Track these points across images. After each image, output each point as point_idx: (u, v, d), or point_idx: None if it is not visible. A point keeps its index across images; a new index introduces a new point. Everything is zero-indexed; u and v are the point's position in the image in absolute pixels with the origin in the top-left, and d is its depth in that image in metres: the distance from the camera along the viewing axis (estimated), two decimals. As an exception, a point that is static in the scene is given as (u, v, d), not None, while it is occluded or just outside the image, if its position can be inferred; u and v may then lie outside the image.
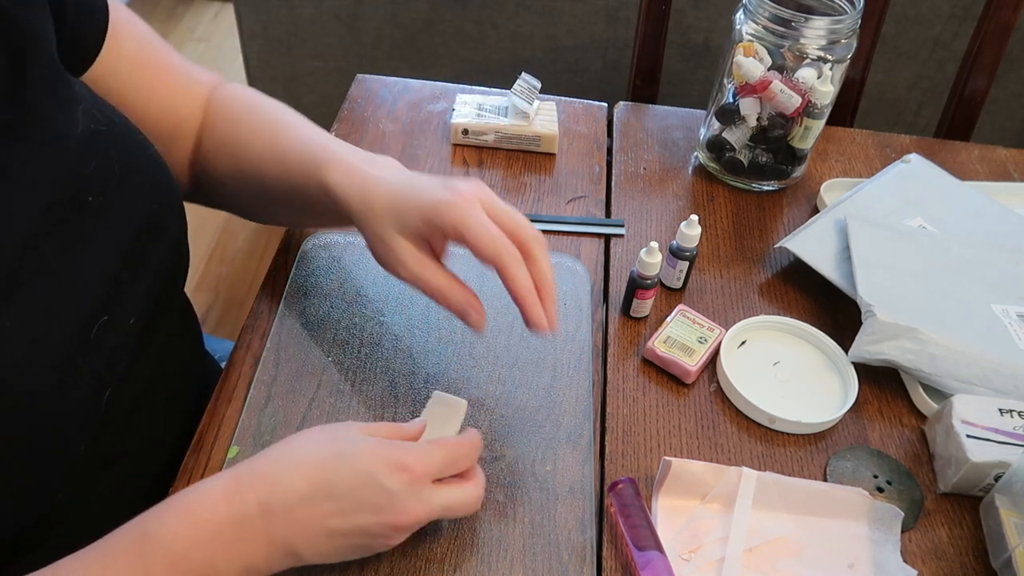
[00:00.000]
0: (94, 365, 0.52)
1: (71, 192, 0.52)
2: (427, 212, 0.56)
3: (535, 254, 0.56)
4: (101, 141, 0.54)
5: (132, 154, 0.57)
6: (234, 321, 1.75)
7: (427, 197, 0.56)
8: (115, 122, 0.57)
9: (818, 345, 0.72)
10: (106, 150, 0.55)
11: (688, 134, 0.94)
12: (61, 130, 0.52)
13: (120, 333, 0.55)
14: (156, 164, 0.59)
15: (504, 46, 1.59)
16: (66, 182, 0.51)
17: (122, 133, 0.57)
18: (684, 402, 0.68)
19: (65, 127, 0.52)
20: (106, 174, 0.54)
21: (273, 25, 1.60)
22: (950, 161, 0.93)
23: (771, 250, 0.82)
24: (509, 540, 0.57)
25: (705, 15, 1.50)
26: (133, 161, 0.57)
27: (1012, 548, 0.56)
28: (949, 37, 1.51)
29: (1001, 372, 0.67)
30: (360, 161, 0.61)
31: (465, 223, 0.54)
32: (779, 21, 0.77)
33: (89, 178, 0.53)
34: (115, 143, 0.56)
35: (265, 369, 0.65)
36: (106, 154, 0.54)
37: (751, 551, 0.58)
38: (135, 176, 0.56)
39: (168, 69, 0.67)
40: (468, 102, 0.90)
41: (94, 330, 0.52)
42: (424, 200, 0.56)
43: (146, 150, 0.59)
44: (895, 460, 0.65)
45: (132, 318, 0.56)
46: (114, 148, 0.55)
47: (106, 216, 0.54)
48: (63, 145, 0.52)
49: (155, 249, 0.58)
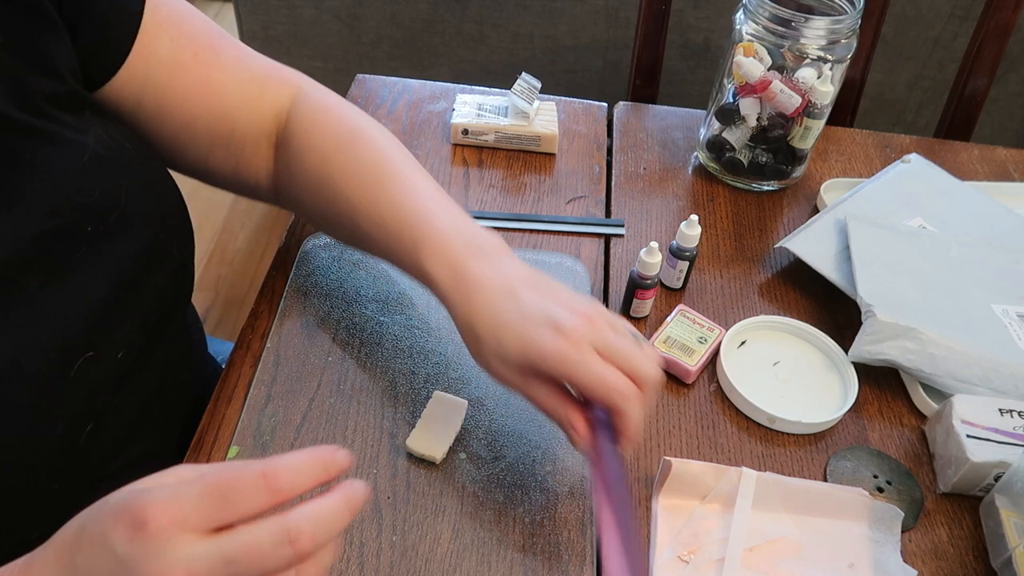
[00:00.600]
0: (73, 403, 0.49)
1: (68, 220, 0.50)
2: (531, 356, 0.50)
3: (645, 395, 0.51)
4: (108, 168, 0.52)
5: (141, 182, 0.55)
6: (234, 321, 1.75)
7: (531, 337, 0.50)
8: (126, 148, 0.54)
9: (818, 345, 0.72)
10: (113, 178, 0.52)
11: (688, 134, 0.94)
12: (64, 157, 0.50)
13: (105, 368, 0.52)
14: (166, 190, 0.57)
15: (504, 46, 1.59)
16: (63, 211, 0.49)
17: (132, 160, 0.55)
18: (684, 402, 0.68)
19: (69, 154, 0.50)
20: (109, 203, 0.52)
21: (273, 25, 1.60)
22: (950, 161, 0.93)
23: (771, 250, 0.82)
24: (509, 540, 0.57)
25: (705, 15, 1.50)
26: (141, 190, 0.55)
27: (1012, 548, 0.56)
28: (949, 37, 1.51)
29: (1001, 372, 0.67)
30: (462, 247, 0.55)
31: (574, 375, 0.49)
32: (779, 21, 0.77)
33: (89, 207, 0.51)
34: (124, 172, 0.53)
35: (265, 369, 0.65)
36: (112, 182, 0.52)
37: (751, 551, 0.58)
38: (142, 205, 0.54)
39: (217, 68, 0.62)
40: (468, 102, 0.90)
41: (75, 367, 0.49)
42: (528, 340, 0.50)
43: (157, 174, 0.56)
44: (895, 460, 0.64)
45: (120, 352, 0.53)
46: (123, 176, 0.53)
47: (103, 246, 0.51)
48: (64, 172, 0.50)
49: (155, 279, 0.56)
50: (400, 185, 0.60)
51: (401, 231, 0.58)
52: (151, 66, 0.58)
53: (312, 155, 0.63)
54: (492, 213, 0.81)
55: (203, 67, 0.61)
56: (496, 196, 0.84)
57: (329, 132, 0.63)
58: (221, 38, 0.63)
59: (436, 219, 0.57)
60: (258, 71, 0.65)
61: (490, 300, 0.53)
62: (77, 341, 0.50)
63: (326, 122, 0.64)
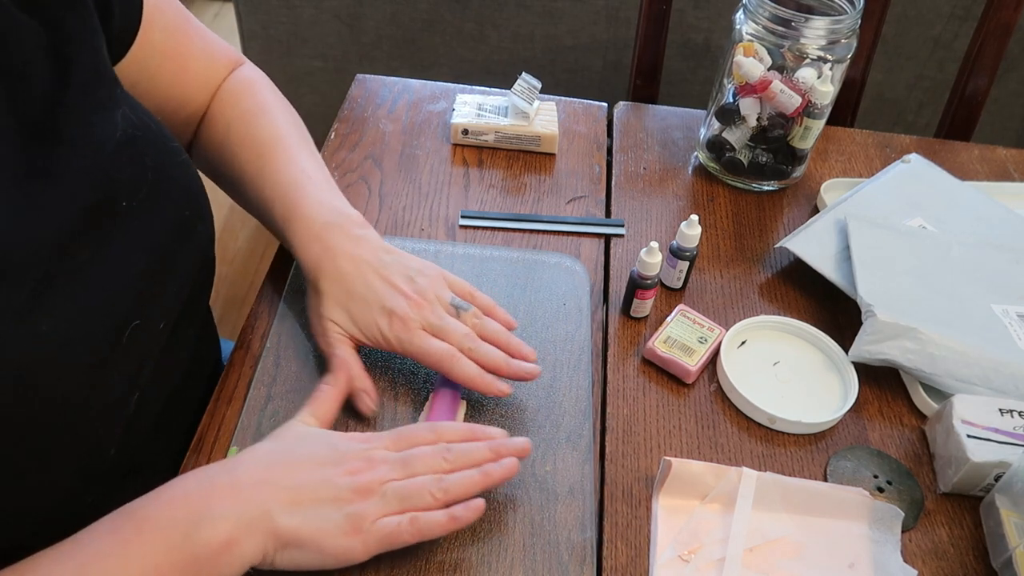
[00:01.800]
0: (125, 368, 0.52)
1: (105, 195, 0.52)
2: (370, 335, 0.62)
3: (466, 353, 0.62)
4: (137, 146, 0.54)
5: (164, 160, 0.57)
6: (234, 321, 1.75)
7: (371, 321, 0.62)
8: (151, 128, 0.57)
9: (818, 345, 0.72)
10: (141, 156, 0.55)
11: (688, 134, 0.94)
12: (100, 134, 0.52)
13: (150, 337, 0.55)
14: (187, 171, 0.59)
15: (504, 46, 1.59)
16: (101, 185, 0.51)
17: (156, 139, 0.57)
18: (684, 402, 0.68)
19: (104, 131, 0.52)
20: (139, 179, 0.54)
21: (273, 25, 1.60)
22: (950, 161, 0.93)
23: (771, 250, 0.82)
24: (509, 540, 0.57)
25: (705, 15, 1.49)
26: (165, 167, 0.57)
27: (1012, 548, 0.56)
28: (949, 37, 1.51)
29: (1001, 372, 0.67)
30: (323, 224, 0.64)
31: (407, 351, 0.62)
32: (779, 21, 0.77)
33: (123, 182, 0.53)
34: (149, 148, 0.56)
35: (265, 369, 0.65)
36: (140, 160, 0.54)
37: (751, 551, 0.58)
38: (166, 182, 0.56)
39: (191, 57, 0.67)
40: (468, 102, 0.90)
41: (126, 333, 0.52)
42: (369, 323, 0.62)
43: (178, 156, 0.59)
44: (895, 460, 0.64)
45: (162, 322, 0.56)
46: (148, 154, 0.55)
47: (137, 220, 0.54)
48: (102, 149, 0.52)
49: (184, 254, 0.58)
50: (284, 159, 0.68)
51: (274, 202, 0.66)
52: (147, 52, 0.62)
53: (220, 121, 0.70)
54: (492, 213, 0.81)
55: (182, 57, 0.66)
56: (496, 196, 0.84)
57: (240, 104, 0.70)
58: (189, 23, 0.68)
59: (307, 194, 0.66)
60: (218, 56, 0.71)
61: (340, 279, 0.63)
62: (127, 309, 0.52)
63: (240, 95, 0.71)
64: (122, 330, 0.51)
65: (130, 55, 0.60)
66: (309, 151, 0.70)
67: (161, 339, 0.57)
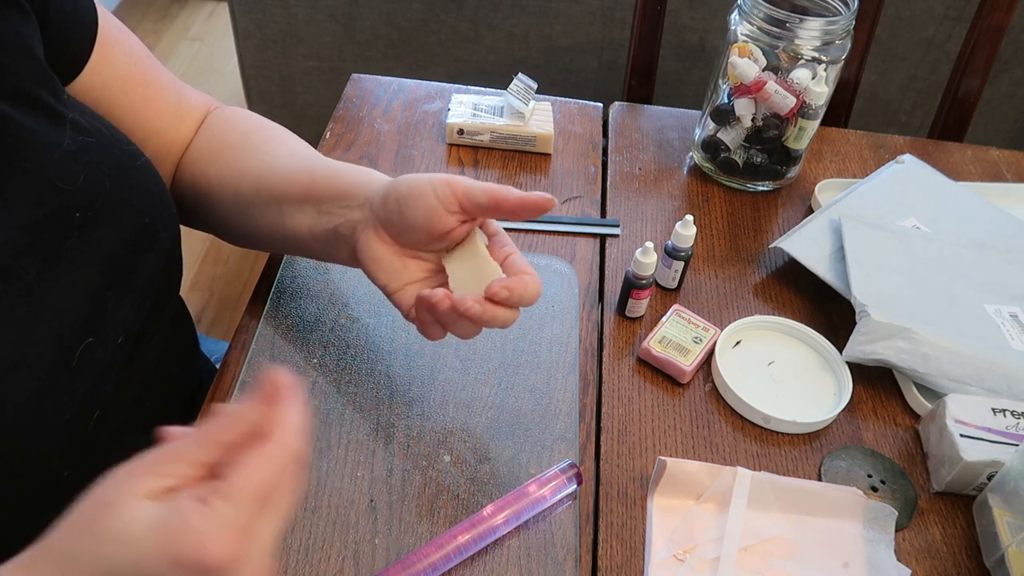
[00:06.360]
0: (77, 390, 0.50)
1: (55, 208, 0.50)
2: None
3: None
4: (90, 153, 0.52)
5: (123, 166, 0.55)
6: (229, 321, 1.74)
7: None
8: (104, 133, 0.55)
9: (813, 345, 0.72)
10: (96, 163, 0.53)
11: (683, 134, 0.95)
12: (45, 143, 0.50)
13: (106, 353, 0.53)
14: (148, 174, 0.57)
15: (500, 46, 1.59)
16: (49, 198, 0.49)
17: (111, 144, 0.55)
18: (679, 402, 0.68)
19: (50, 140, 0.50)
20: (95, 188, 0.52)
21: (268, 24, 1.59)
22: (943, 162, 0.94)
23: (766, 250, 0.82)
24: (505, 540, 0.57)
25: (700, 16, 1.50)
26: (123, 173, 0.55)
27: (1005, 547, 0.57)
28: (942, 38, 1.51)
29: (994, 372, 0.67)
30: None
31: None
32: (774, 22, 0.78)
33: (75, 193, 0.51)
34: (105, 155, 0.54)
35: (251, 371, 0.65)
36: (96, 167, 0.52)
37: (746, 551, 0.58)
38: (125, 189, 0.54)
39: (159, 89, 0.65)
40: (464, 102, 0.90)
41: (77, 353, 0.50)
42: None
43: (136, 160, 0.57)
44: (889, 459, 0.65)
45: (119, 337, 0.54)
46: (104, 161, 0.53)
47: (92, 232, 0.52)
48: (47, 159, 0.50)
49: (145, 263, 0.56)
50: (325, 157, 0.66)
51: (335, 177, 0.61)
52: (108, 76, 0.61)
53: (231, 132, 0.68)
54: (487, 213, 0.81)
55: (149, 87, 0.64)
56: (491, 196, 0.84)
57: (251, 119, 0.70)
58: (154, 61, 0.67)
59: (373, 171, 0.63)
60: (189, 94, 0.69)
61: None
62: (77, 327, 0.50)
63: (246, 115, 0.70)
64: (72, 350, 0.49)
65: (89, 74, 0.59)
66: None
67: (120, 354, 0.54)
